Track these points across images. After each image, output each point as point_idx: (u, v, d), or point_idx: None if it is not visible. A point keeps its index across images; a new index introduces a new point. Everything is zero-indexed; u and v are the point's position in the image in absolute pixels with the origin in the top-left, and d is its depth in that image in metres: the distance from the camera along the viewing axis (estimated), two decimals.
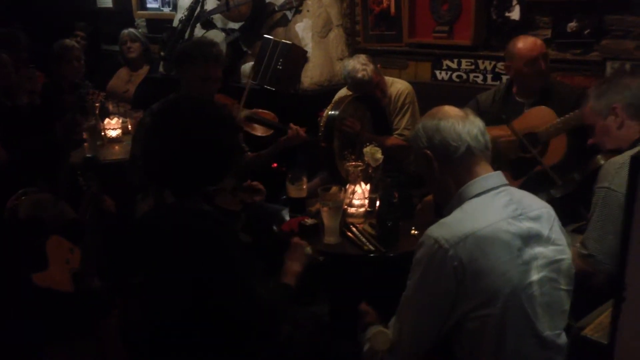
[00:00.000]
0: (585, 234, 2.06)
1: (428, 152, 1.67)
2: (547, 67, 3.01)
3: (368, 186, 2.69)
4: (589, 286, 1.97)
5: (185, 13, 4.88)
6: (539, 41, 3.02)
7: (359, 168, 2.73)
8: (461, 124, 1.65)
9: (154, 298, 1.78)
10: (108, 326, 2.36)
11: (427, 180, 1.76)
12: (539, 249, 1.59)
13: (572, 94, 3.02)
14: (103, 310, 2.39)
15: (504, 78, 3.60)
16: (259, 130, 3.37)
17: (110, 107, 4.14)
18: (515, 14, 3.60)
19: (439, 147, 1.65)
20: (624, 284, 1.03)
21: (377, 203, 2.54)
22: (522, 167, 2.94)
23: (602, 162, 2.35)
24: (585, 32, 3.34)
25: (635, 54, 3.20)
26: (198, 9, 4.86)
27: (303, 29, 4.31)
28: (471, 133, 1.65)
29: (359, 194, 2.66)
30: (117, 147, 3.82)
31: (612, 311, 1.07)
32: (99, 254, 2.52)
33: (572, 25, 3.38)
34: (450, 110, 1.71)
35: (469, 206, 1.62)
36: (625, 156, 2.02)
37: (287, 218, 2.68)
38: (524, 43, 2.99)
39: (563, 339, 1.65)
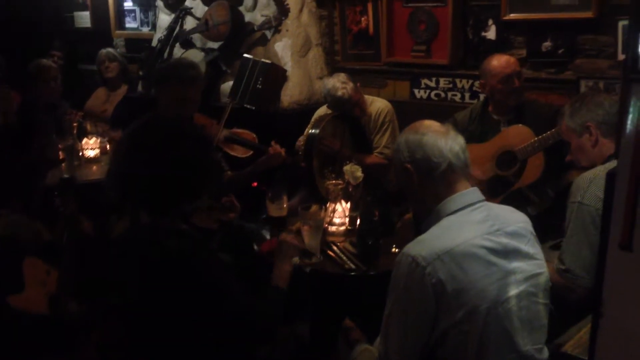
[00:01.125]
0: (562, 249, 2.09)
1: (409, 166, 1.68)
2: (521, 84, 3.06)
3: (348, 204, 2.69)
4: (569, 302, 1.99)
5: (165, 33, 4.88)
6: (512, 59, 3.08)
7: (339, 186, 2.74)
8: (443, 140, 1.66)
9: (133, 320, 1.75)
10: (86, 349, 2.31)
11: (407, 194, 1.77)
12: (516, 264, 1.60)
13: (547, 112, 3.07)
14: (80, 333, 2.34)
15: (482, 96, 3.65)
16: (239, 151, 3.36)
17: (88, 127, 4.10)
18: (491, 34, 3.66)
19: (421, 162, 1.66)
20: (601, 300, 1.04)
21: (358, 221, 2.54)
22: (499, 186, 2.97)
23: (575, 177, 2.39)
24: (559, 51, 3.41)
25: (608, 72, 3.27)
26: (177, 28, 4.86)
27: (282, 48, 4.33)
28: (453, 150, 1.66)
29: (340, 213, 2.66)
30: (94, 168, 3.78)
31: (590, 327, 1.07)
32: (76, 276, 2.48)
33: (547, 44, 3.45)
34: (432, 125, 1.73)
35: (445, 223, 1.63)
36: (596, 171, 2.06)
37: (268, 237, 2.67)
38: (498, 61, 3.05)
39: (545, 353, 1.66)
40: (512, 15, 3.49)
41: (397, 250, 2.45)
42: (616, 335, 1.04)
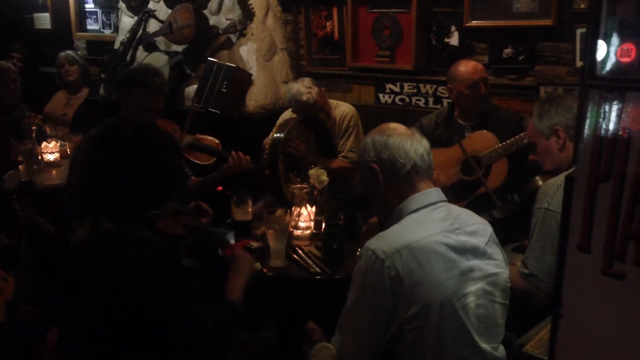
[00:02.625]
0: (526, 253, 2.12)
1: (375, 166, 1.71)
2: (487, 91, 3.11)
3: (314, 208, 2.69)
4: (530, 304, 2.02)
5: (127, 35, 4.81)
6: (479, 65, 3.13)
7: (305, 190, 2.73)
8: (409, 142, 1.70)
9: (92, 327, 1.71)
10: (43, 357, 2.25)
11: (371, 194, 1.79)
12: (475, 262, 1.63)
13: (511, 118, 3.13)
14: (36, 339, 2.28)
15: (445, 101, 3.70)
16: (201, 158, 3.32)
17: (48, 131, 4.02)
18: (454, 40, 3.72)
19: (387, 163, 1.69)
20: (560, 301, 1.06)
21: (323, 225, 2.54)
22: (463, 190, 3.01)
23: (540, 183, 2.43)
24: (520, 58, 3.48)
25: (567, 79, 3.35)
26: (140, 31, 4.80)
27: (247, 52, 4.31)
28: (418, 152, 1.70)
29: (305, 217, 2.65)
30: (54, 172, 3.70)
31: (550, 328, 1.09)
32: (33, 282, 2.41)
33: (508, 51, 3.52)
34: (398, 127, 1.76)
35: (407, 220, 1.66)
36: (562, 177, 2.08)
37: (233, 242, 2.65)
38: (466, 67, 3.10)
39: (501, 352, 1.69)
40: (475, 22, 3.55)
41: None
42: (575, 335, 1.06)
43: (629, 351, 1.00)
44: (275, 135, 3.31)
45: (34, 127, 3.92)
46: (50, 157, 3.78)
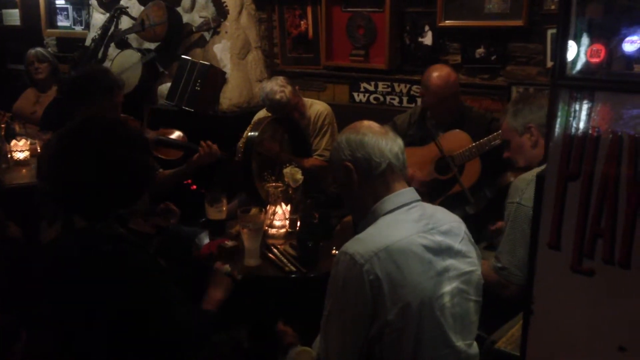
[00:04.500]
0: (499, 247, 2.15)
1: (349, 164, 1.70)
2: (458, 100, 3.15)
3: (288, 207, 2.69)
4: (501, 298, 2.05)
5: (99, 32, 4.74)
6: (452, 77, 3.10)
7: (279, 189, 2.73)
8: (384, 141, 1.69)
9: (65, 328, 1.68)
10: None
11: (343, 193, 1.78)
12: (450, 261, 1.64)
13: (484, 119, 3.17)
14: (5, 344, 2.23)
15: (419, 100, 3.73)
16: (169, 154, 3.29)
17: (17, 129, 3.94)
18: (427, 40, 3.74)
19: (362, 161, 1.68)
20: (532, 298, 1.07)
21: (298, 224, 2.54)
22: (437, 189, 3.04)
23: (511, 179, 2.46)
24: (492, 58, 3.52)
25: (537, 79, 3.40)
26: (112, 28, 4.73)
27: (221, 50, 4.29)
28: (392, 151, 1.70)
29: (280, 215, 2.65)
30: (24, 171, 3.62)
31: (522, 324, 1.11)
32: (1, 285, 2.36)
33: (480, 51, 3.55)
34: (372, 125, 1.76)
35: (382, 222, 1.65)
36: (534, 172, 2.11)
37: (207, 241, 2.63)
38: (438, 79, 3.07)
39: (474, 349, 1.71)
40: (447, 22, 3.58)
41: (336, 252, 2.46)
42: (546, 331, 1.07)
43: (599, 346, 1.02)
44: (249, 133, 3.29)
45: (2, 125, 3.84)
46: (19, 156, 3.70)
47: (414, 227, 1.62)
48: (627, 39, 1.01)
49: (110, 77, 2.82)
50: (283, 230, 2.63)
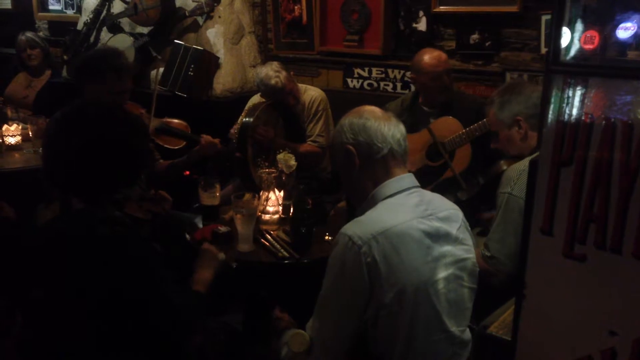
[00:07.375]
0: (488, 236, 2.16)
1: (351, 147, 1.70)
2: (451, 81, 3.14)
3: (282, 193, 2.69)
4: (489, 285, 2.06)
5: (91, 16, 4.69)
6: (443, 56, 3.14)
7: (273, 175, 2.73)
8: (387, 126, 1.70)
9: (58, 314, 1.68)
10: (5, 346, 2.21)
11: (344, 176, 1.78)
12: (447, 247, 1.65)
13: (474, 105, 3.16)
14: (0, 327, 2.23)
15: (413, 87, 3.72)
16: (171, 142, 3.28)
17: (9, 113, 3.92)
18: (422, 25, 3.73)
19: (364, 145, 1.69)
20: (524, 283, 1.08)
21: (291, 210, 2.54)
22: (428, 175, 3.04)
23: (504, 167, 2.46)
24: (486, 44, 3.51)
25: (531, 65, 3.40)
26: (104, 12, 4.68)
27: (215, 35, 4.26)
28: (395, 137, 1.70)
29: (273, 201, 2.65)
30: (16, 155, 3.60)
31: (514, 309, 1.12)
32: None
33: (474, 37, 3.54)
34: (375, 110, 1.76)
35: (382, 206, 1.66)
36: (526, 162, 2.11)
37: (200, 226, 2.63)
38: (430, 59, 3.10)
39: (467, 335, 1.72)
40: (442, 8, 3.57)
41: (330, 238, 2.47)
42: (538, 316, 1.08)
43: (590, 331, 1.03)
44: (244, 119, 3.29)
45: None
46: (11, 140, 3.67)
47: (413, 212, 1.63)
48: (621, 25, 1.01)
49: (122, 59, 2.78)
50: (276, 216, 2.64)
